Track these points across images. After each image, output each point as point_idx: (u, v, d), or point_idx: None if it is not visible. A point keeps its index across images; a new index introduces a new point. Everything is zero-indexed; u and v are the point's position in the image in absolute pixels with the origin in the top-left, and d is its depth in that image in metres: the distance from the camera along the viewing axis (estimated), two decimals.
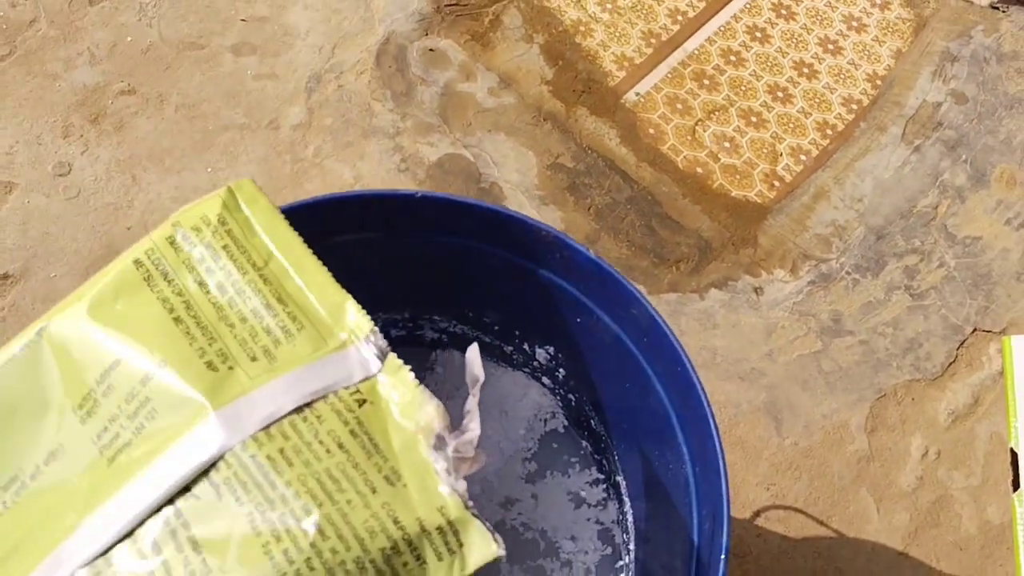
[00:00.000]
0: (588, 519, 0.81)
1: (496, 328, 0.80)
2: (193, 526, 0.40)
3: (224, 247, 0.47)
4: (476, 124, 1.24)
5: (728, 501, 0.56)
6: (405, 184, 1.18)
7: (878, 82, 1.35)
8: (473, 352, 0.50)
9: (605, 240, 1.18)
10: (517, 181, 1.20)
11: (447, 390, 0.83)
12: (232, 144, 1.18)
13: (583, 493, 0.82)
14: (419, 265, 0.73)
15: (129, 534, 0.40)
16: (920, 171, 1.26)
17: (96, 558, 0.40)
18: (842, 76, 1.35)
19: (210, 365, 0.43)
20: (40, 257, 1.08)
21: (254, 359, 0.44)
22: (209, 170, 1.16)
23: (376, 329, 0.47)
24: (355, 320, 0.46)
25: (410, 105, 1.24)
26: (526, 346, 0.80)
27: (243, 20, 1.27)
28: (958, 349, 1.14)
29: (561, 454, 0.83)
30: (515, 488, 0.80)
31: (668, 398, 0.65)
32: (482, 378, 0.48)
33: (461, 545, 0.41)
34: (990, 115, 1.31)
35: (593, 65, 1.32)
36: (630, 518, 0.79)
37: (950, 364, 1.13)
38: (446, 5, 1.33)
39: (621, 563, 0.79)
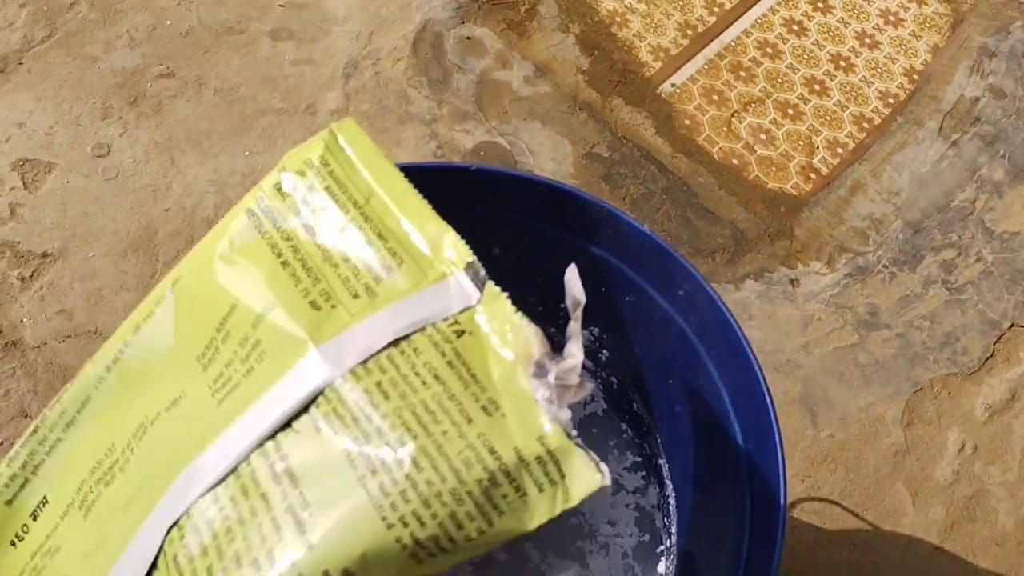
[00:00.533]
0: (627, 504, 0.81)
1: (540, 309, 0.80)
2: (291, 460, 0.40)
3: (327, 188, 0.47)
4: (512, 112, 1.24)
5: (785, 476, 0.55)
6: None
7: (915, 76, 1.34)
8: (572, 273, 0.48)
9: None
10: (552, 170, 1.20)
11: None
12: (270, 128, 1.19)
13: (621, 478, 0.82)
14: (466, 241, 0.73)
15: (233, 470, 0.40)
16: (957, 166, 1.25)
17: (202, 497, 0.40)
18: (879, 70, 1.34)
19: (314, 304, 0.44)
20: (79, 237, 1.09)
21: (356, 296, 0.44)
22: (247, 154, 1.17)
23: (476, 260, 0.46)
24: (454, 251, 0.45)
25: (446, 92, 1.24)
26: None
27: (281, 6, 1.28)
28: (995, 344, 1.13)
29: (600, 438, 0.82)
30: None
31: (720, 376, 0.64)
32: (583, 300, 0.46)
33: (563, 476, 0.39)
34: None
35: (629, 55, 1.32)
36: (672, 502, 0.78)
37: (987, 359, 1.12)
38: None
39: (662, 548, 0.79)
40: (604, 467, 0.40)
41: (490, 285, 0.45)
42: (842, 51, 1.35)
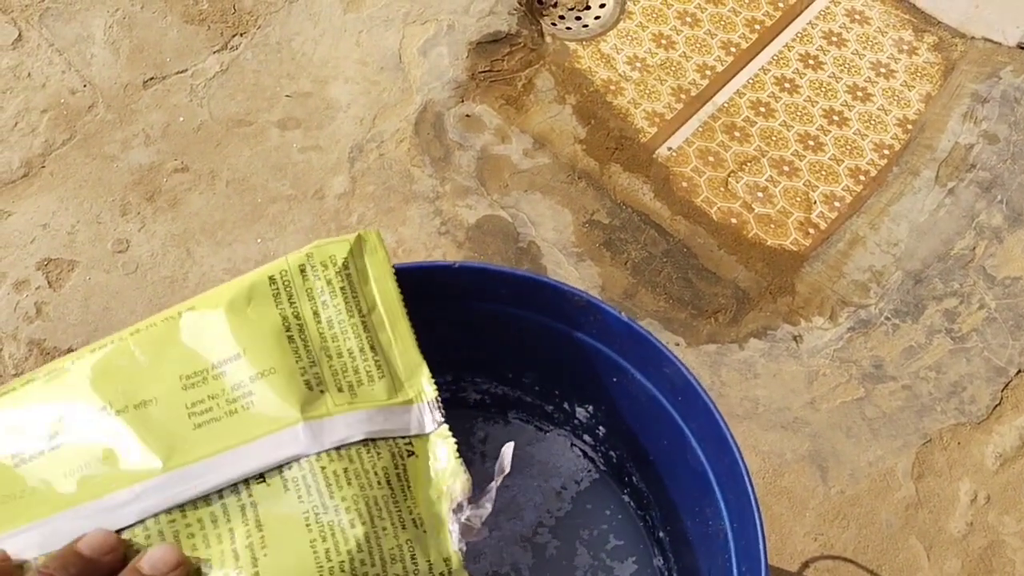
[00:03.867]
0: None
1: (536, 388, 0.82)
2: (260, 507, 0.46)
3: (341, 288, 0.54)
4: (512, 185, 1.28)
5: (765, 558, 0.57)
6: (446, 246, 1.22)
7: (909, 126, 1.36)
8: (508, 448, 0.56)
9: (643, 294, 1.20)
10: (554, 239, 1.23)
11: (487, 451, 0.85)
12: (280, 215, 1.24)
13: (624, 550, 0.83)
14: (458, 330, 0.76)
15: (205, 497, 0.46)
16: (955, 213, 1.27)
17: (174, 508, 0.46)
18: (873, 122, 1.37)
19: (308, 384, 0.50)
20: (101, 331, 1.14)
21: (340, 390, 0.51)
22: (259, 241, 1.21)
23: (439, 399, 0.54)
24: (424, 385, 0.54)
25: (448, 169, 1.28)
26: (566, 405, 0.82)
27: (288, 96, 1.34)
28: (1003, 391, 1.14)
29: (602, 510, 0.84)
30: (551, 546, 0.81)
31: (704, 455, 0.66)
32: (508, 470, 0.55)
33: None
34: (1023, 155, 1.31)
35: (625, 123, 1.35)
36: (675, 574, 0.79)
37: (995, 406, 1.12)
38: (480, 72, 1.38)
39: None
40: None
41: (444, 427, 0.53)
42: (835, 106, 1.38)
